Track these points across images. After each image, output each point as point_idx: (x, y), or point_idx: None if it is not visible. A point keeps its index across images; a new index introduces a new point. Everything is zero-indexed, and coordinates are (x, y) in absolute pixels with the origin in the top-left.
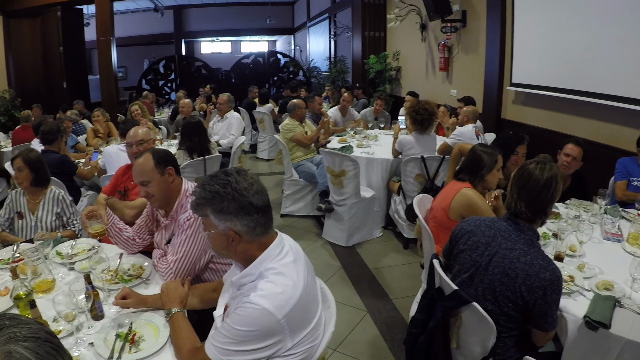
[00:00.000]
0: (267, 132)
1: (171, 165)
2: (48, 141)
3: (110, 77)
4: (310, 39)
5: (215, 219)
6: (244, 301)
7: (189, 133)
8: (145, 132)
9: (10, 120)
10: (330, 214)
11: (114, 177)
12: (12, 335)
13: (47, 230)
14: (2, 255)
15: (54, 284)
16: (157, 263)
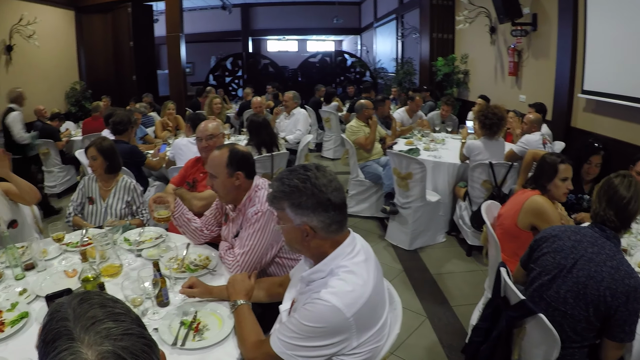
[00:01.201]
0: (332, 131)
1: (243, 170)
2: (118, 131)
3: (178, 72)
4: (377, 40)
5: (291, 213)
6: (313, 297)
7: (256, 130)
8: (214, 127)
9: (80, 111)
10: (395, 217)
11: (183, 168)
12: (107, 332)
13: (116, 217)
14: (72, 239)
15: (121, 269)
16: (223, 255)
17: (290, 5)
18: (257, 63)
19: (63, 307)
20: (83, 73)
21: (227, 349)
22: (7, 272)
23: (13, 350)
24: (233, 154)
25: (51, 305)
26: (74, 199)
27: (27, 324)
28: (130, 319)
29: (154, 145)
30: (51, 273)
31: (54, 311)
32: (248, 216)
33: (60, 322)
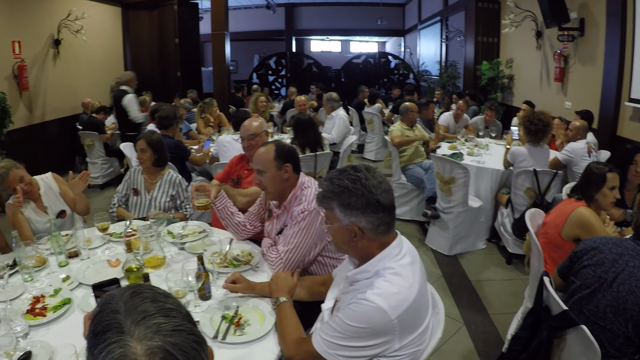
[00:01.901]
0: (375, 133)
1: (291, 162)
2: (164, 126)
3: (222, 70)
4: (420, 42)
5: (340, 213)
6: (358, 297)
7: (301, 129)
8: (257, 126)
9: None
10: (435, 221)
11: (228, 165)
12: (158, 327)
13: (159, 210)
14: (115, 229)
15: (164, 262)
16: (266, 252)
17: (334, 5)
18: (300, 63)
19: (114, 299)
20: (128, 68)
21: (268, 345)
22: (51, 259)
23: (54, 335)
24: (279, 148)
25: (102, 296)
26: (119, 190)
27: (70, 310)
28: (181, 315)
29: (198, 141)
30: (94, 262)
31: (105, 303)
32: (294, 214)
33: (111, 314)
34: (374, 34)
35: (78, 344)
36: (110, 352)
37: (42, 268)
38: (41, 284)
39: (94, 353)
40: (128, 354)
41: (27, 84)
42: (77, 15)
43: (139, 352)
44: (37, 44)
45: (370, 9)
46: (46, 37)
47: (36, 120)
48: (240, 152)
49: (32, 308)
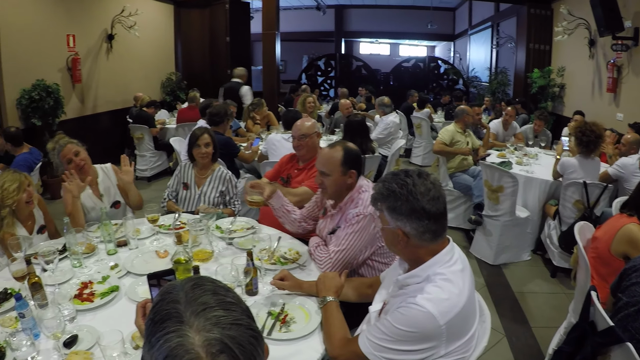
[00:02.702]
0: (423, 138)
1: (356, 168)
2: (214, 123)
3: (272, 69)
4: (470, 47)
5: (388, 216)
6: (408, 301)
7: (351, 131)
8: (309, 126)
9: (174, 100)
10: (482, 230)
11: (278, 164)
12: (217, 320)
13: (208, 204)
14: (164, 221)
15: (212, 255)
16: (314, 250)
17: (384, 8)
18: (350, 64)
19: (175, 289)
20: (179, 64)
21: (312, 343)
22: (100, 247)
23: (101, 320)
24: (347, 153)
25: (164, 285)
26: (170, 184)
27: (117, 297)
28: (240, 309)
29: (247, 138)
30: (143, 252)
31: (166, 292)
32: (349, 216)
33: (172, 303)
34: (424, 38)
35: (125, 330)
36: (168, 340)
37: (91, 255)
38: (89, 270)
39: (151, 340)
40: (186, 343)
41: (80, 76)
42: (130, 11)
43: (196, 343)
44: (91, 38)
45: (420, 13)
46: (100, 31)
47: (87, 111)
48: (289, 152)
49: (79, 293)
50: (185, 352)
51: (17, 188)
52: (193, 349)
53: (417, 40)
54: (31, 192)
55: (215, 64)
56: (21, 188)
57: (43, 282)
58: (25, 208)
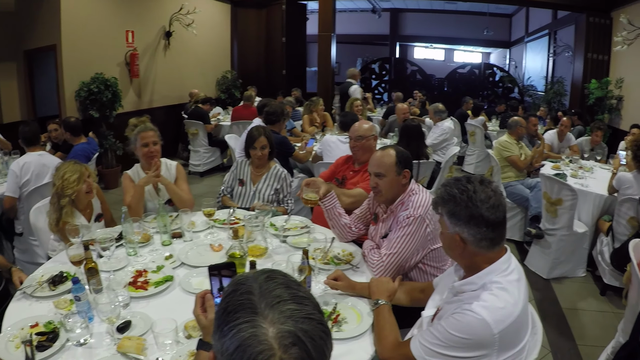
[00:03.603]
0: (476, 146)
1: (409, 168)
2: (271, 122)
3: (327, 71)
4: (526, 55)
5: (447, 221)
6: (464, 308)
7: (407, 136)
8: (367, 129)
9: (229, 98)
10: (538, 243)
11: (334, 165)
12: (291, 313)
13: (262, 202)
14: (219, 216)
15: (266, 252)
16: (367, 254)
17: (440, 13)
18: (404, 69)
19: (248, 280)
20: (235, 63)
21: (363, 344)
22: (156, 237)
23: (154, 308)
24: (400, 153)
25: (235, 277)
26: (226, 180)
27: (170, 287)
28: (312, 304)
29: (301, 138)
30: (197, 244)
31: (238, 283)
32: (400, 219)
33: (245, 294)
34: (479, 44)
35: (178, 319)
36: (241, 330)
37: (146, 244)
38: (144, 259)
39: (223, 330)
40: (259, 334)
41: (137, 71)
42: (188, 9)
43: (270, 335)
44: (149, 35)
45: (476, 18)
46: (158, 28)
47: (144, 106)
48: (345, 153)
49: (134, 281)
50: (258, 343)
51: (77, 179)
52: (266, 340)
53: (472, 46)
54: (91, 183)
55: (270, 63)
56: (81, 179)
57: (99, 268)
58: (85, 198)
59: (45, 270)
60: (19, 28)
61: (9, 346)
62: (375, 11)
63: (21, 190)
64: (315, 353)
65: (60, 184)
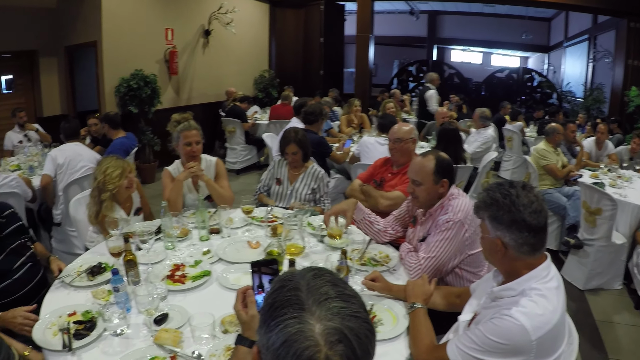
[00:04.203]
0: (514, 152)
1: (448, 178)
2: (309, 121)
3: (365, 72)
4: (565, 60)
5: (489, 225)
6: (502, 313)
7: (446, 139)
8: (406, 131)
9: (266, 97)
10: (575, 253)
11: (372, 166)
12: (338, 310)
13: (299, 201)
14: (256, 214)
15: (303, 250)
16: (404, 256)
17: (478, 15)
18: (442, 72)
19: (295, 277)
20: (272, 62)
21: (398, 347)
22: (194, 233)
23: (191, 302)
24: (439, 162)
25: (282, 273)
26: (263, 179)
27: (208, 282)
28: (358, 302)
29: (338, 139)
30: (235, 241)
31: (286, 279)
32: (439, 223)
33: (292, 291)
34: (517, 48)
35: (214, 314)
36: (288, 326)
37: (184, 239)
38: (181, 253)
39: (270, 324)
40: (306, 330)
41: (176, 68)
42: (227, 8)
43: (316, 331)
44: (189, 33)
45: (514, 22)
46: (197, 26)
47: (182, 102)
48: (383, 155)
49: (171, 274)
50: (304, 339)
51: (119, 174)
52: (313, 336)
53: (510, 50)
54: (132, 179)
55: (308, 63)
56: (123, 174)
57: (137, 261)
58: (125, 192)
59: (84, 261)
60: (60, 24)
61: (46, 333)
62: (413, 13)
63: (56, 173)
64: (360, 351)
65: (102, 179)
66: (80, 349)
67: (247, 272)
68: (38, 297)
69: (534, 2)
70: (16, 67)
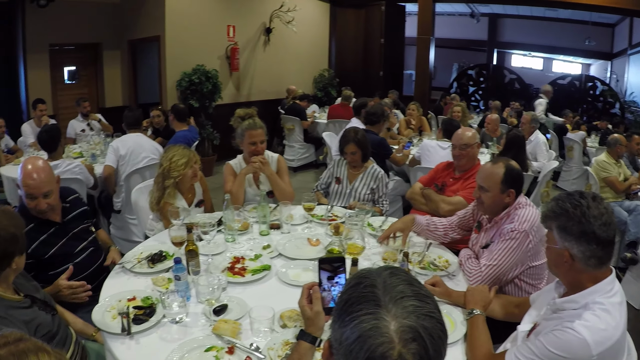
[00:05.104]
0: (574, 162)
1: (515, 188)
2: (371, 122)
3: (425, 75)
4: (629, 69)
5: (557, 235)
6: (565, 325)
7: (516, 146)
8: (471, 136)
9: (325, 96)
10: (634, 270)
11: (434, 170)
12: (414, 309)
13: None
14: (317, 212)
15: (363, 250)
16: (464, 262)
17: (539, 20)
18: (502, 77)
19: (372, 275)
20: (332, 62)
21: (455, 353)
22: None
23: (250, 295)
24: (509, 171)
25: (359, 270)
26: (323, 177)
27: (267, 276)
28: (433, 303)
29: (397, 141)
30: (295, 237)
31: (362, 276)
32: (504, 231)
33: (369, 288)
34: (579, 55)
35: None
36: (363, 321)
37: (244, 233)
38: (241, 246)
39: (345, 320)
40: (381, 326)
41: (237, 65)
42: (289, 7)
43: (391, 328)
44: (250, 30)
45: (577, 27)
46: (259, 24)
47: (241, 99)
48: (444, 159)
49: (231, 266)
50: (379, 335)
51: (185, 163)
52: (387, 333)
53: (571, 56)
54: (196, 170)
55: (368, 64)
56: (189, 164)
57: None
58: (188, 182)
59: (144, 248)
60: (124, 19)
61: (105, 316)
62: (474, 16)
63: (118, 164)
64: (433, 351)
65: (167, 165)
66: (138, 333)
67: (307, 269)
68: (97, 281)
69: (598, 7)
70: (80, 58)
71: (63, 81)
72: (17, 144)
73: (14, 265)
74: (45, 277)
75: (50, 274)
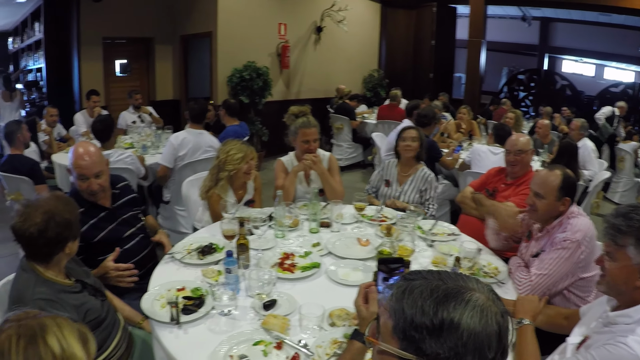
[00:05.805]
0: (625, 173)
1: (571, 196)
2: (422, 124)
3: (475, 78)
4: None
5: (634, 251)
6: (617, 339)
7: (569, 154)
8: (525, 142)
9: (374, 97)
10: None
11: (485, 175)
12: (487, 289)
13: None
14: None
15: (412, 253)
16: (513, 271)
17: (592, 25)
18: (553, 82)
19: (440, 275)
20: (382, 62)
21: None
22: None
23: (299, 292)
24: (566, 179)
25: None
26: (372, 180)
27: (317, 274)
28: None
29: (447, 145)
30: (345, 236)
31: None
32: (555, 240)
33: (456, 281)
34: (632, 62)
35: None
36: (470, 300)
37: (294, 229)
38: (291, 243)
39: (449, 308)
40: (481, 298)
41: (288, 62)
42: (340, 6)
43: (483, 298)
44: (301, 28)
45: (631, 33)
46: (310, 23)
47: (291, 96)
48: (494, 164)
49: (281, 262)
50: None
51: (241, 158)
52: (484, 302)
53: (624, 63)
54: (252, 166)
55: (418, 65)
56: (244, 159)
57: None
58: (242, 178)
59: (195, 239)
60: (176, 14)
61: (154, 304)
62: (525, 19)
63: (175, 163)
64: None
65: (223, 158)
66: (187, 323)
67: (357, 269)
68: (145, 269)
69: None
70: (132, 52)
71: (115, 74)
72: (69, 132)
73: (67, 249)
74: (94, 262)
75: (99, 259)
